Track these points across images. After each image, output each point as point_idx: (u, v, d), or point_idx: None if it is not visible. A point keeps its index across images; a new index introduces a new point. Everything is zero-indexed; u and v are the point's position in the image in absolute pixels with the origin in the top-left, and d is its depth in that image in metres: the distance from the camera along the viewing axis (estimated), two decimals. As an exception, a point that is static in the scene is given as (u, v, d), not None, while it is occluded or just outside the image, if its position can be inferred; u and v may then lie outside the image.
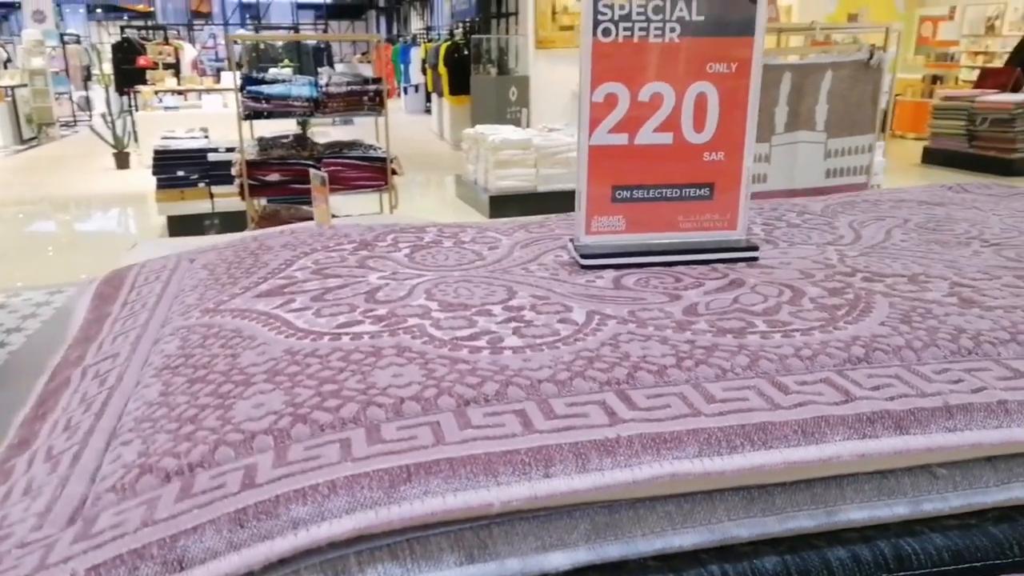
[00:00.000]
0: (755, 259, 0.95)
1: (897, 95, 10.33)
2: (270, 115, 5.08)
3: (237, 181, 5.06)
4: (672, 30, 0.90)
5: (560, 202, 6.82)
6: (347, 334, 0.72)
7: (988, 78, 9.59)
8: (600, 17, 0.89)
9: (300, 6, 21.66)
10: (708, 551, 0.52)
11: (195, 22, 20.16)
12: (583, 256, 0.93)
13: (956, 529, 0.55)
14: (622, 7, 0.89)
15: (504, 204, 6.76)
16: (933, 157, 9.01)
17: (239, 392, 0.62)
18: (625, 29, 0.89)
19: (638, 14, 0.89)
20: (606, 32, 0.89)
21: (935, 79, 11.68)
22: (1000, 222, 1.11)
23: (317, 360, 0.66)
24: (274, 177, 5.01)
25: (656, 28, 0.90)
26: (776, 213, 1.19)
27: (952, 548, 0.54)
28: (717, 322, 0.73)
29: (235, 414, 0.58)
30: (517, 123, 8.06)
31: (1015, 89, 8.86)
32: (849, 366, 0.63)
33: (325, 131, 9.67)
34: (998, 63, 11.87)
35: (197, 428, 0.57)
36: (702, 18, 0.90)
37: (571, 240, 0.99)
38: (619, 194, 0.95)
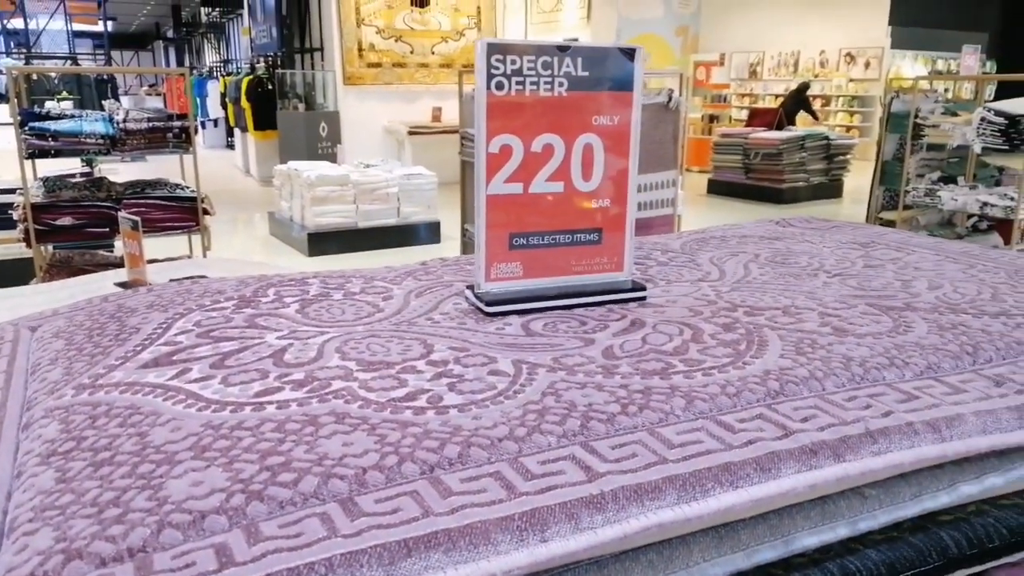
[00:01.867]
0: (644, 299, 1.00)
1: (684, 133, 11.32)
2: (58, 153, 4.61)
3: (21, 226, 4.53)
4: (560, 84, 0.94)
5: (382, 238, 6.77)
6: (271, 403, 0.67)
7: (756, 117, 10.81)
8: (493, 72, 0.90)
9: (76, 34, 19.91)
10: (691, 593, 0.54)
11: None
12: (487, 304, 0.93)
13: (884, 543, 0.61)
14: (513, 62, 0.91)
15: (323, 241, 6.59)
16: (717, 188, 9.97)
17: (165, 471, 0.56)
18: (517, 83, 0.92)
19: (528, 69, 0.92)
20: (499, 86, 0.91)
21: (712, 118, 12.96)
22: (832, 253, 1.26)
23: (248, 432, 0.61)
24: (66, 221, 4.54)
25: (546, 83, 0.93)
26: (643, 252, 1.27)
27: (886, 561, 0.60)
28: (639, 365, 0.76)
29: (170, 494, 0.52)
30: (332, 159, 7.91)
31: (779, 127, 10.05)
32: (770, 399, 0.68)
33: (114, 168, 8.90)
34: (762, 104, 13.42)
35: (126, 511, 0.51)
36: (587, 73, 0.95)
37: (468, 287, 0.99)
38: (516, 241, 0.96)
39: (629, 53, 0.97)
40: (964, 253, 1.26)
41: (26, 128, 4.43)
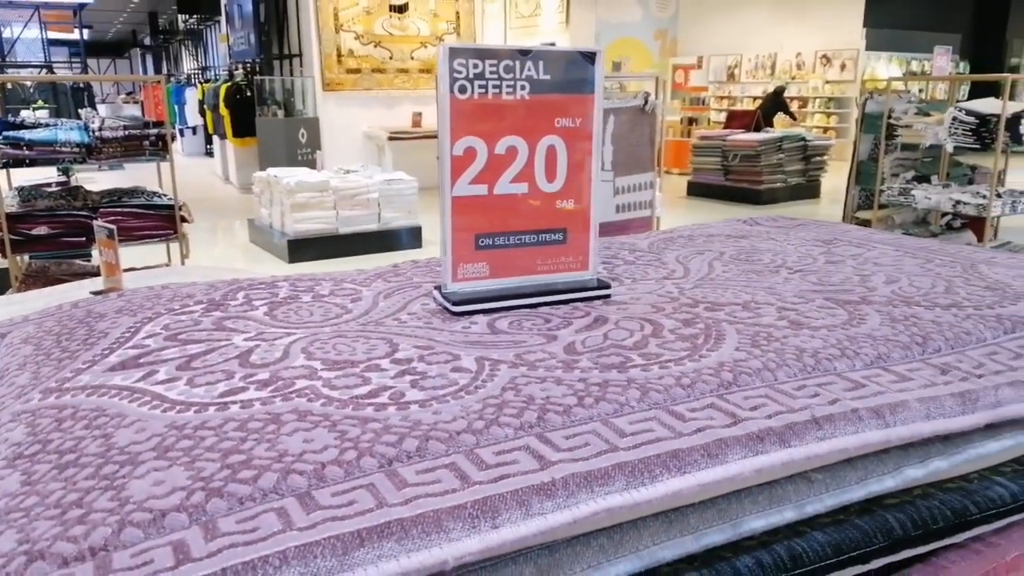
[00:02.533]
0: (608, 296, 1.02)
1: (663, 135, 11.40)
2: (32, 163, 4.58)
3: (-5, 236, 4.49)
4: (523, 88, 0.96)
5: (363, 243, 6.76)
6: (235, 403, 0.68)
7: (735, 119, 10.89)
8: (456, 75, 0.92)
9: (52, 43, 19.72)
10: (640, 576, 0.56)
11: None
12: (454, 303, 0.95)
13: (831, 526, 0.63)
14: (476, 66, 0.93)
15: (304, 248, 6.57)
16: (696, 190, 10.04)
17: (128, 472, 0.57)
18: (480, 87, 0.93)
19: (491, 73, 0.94)
20: (462, 89, 0.93)
21: (691, 120, 13.05)
22: (795, 250, 1.29)
23: (211, 432, 0.62)
24: (42, 230, 4.51)
25: (508, 86, 0.95)
26: (611, 251, 1.29)
27: (832, 543, 0.62)
28: (599, 359, 0.78)
29: (132, 494, 0.53)
30: (312, 165, 7.90)
31: (757, 128, 10.14)
32: (723, 390, 0.70)
33: (91, 177, 8.83)
34: (739, 106, 13.53)
35: (88, 512, 0.52)
36: (549, 77, 0.97)
37: (436, 288, 1.01)
38: (482, 241, 0.98)
39: (590, 56, 0.99)
40: (923, 248, 1.29)
41: (0, 137, 4.40)
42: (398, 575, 0.46)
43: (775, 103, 11.60)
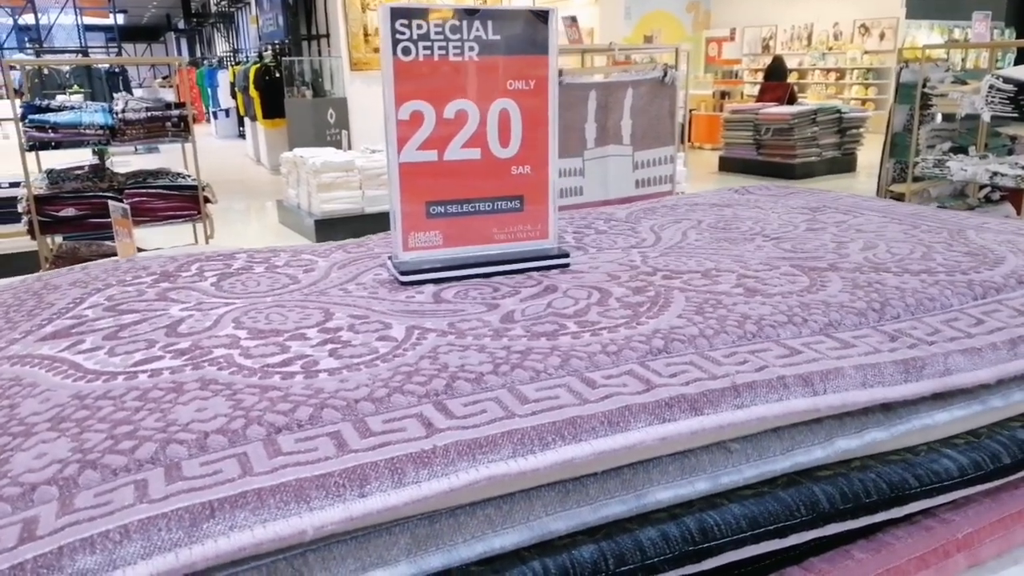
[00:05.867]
0: (567, 265, 0.99)
1: (692, 110, 11.22)
2: (58, 145, 4.66)
3: (25, 218, 4.59)
4: (471, 49, 0.92)
5: (389, 223, 6.76)
6: (144, 372, 0.67)
7: (767, 92, 10.65)
8: (399, 36, 0.89)
9: (88, 28, 20.03)
10: (529, 549, 0.53)
11: (-38, 47, 18.11)
12: (402, 273, 0.93)
13: (752, 498, 0.60)
14: (419, 27, 0.90)
15: (331, 228, 6.60)
16: (728, 165, 9.86)
17: (18, 444, 0.56)
18: (425, 48, 0.90)
19: (436, 33, 0.91)
20: (406, 51, 0.90)
21: (723, 94, 12.79)
22: (778, 218, 1.24)
23: (110, 402, 0.61)
24: (69, 212, 4.59)
25: (455, 47, 0.92)
26: (586, 221, 1.25)
27: (748, 516, 0.58)
28: (532, 327, 0.75)
29: (12, 467, 0.52)
30: (338, 145, 7.92)
31: (791, 101, 9.90)
32: (650, 357, 0.67)
33: (126, 160, 8.99)
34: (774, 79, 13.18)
35: (-34, 488, 0.51)
36: (498, 37, 0.93)
37: (390, 258, 0.98)
38: (433, 210, 0.95)
39: (543, 16, 0.95)
40: (913, 215, 1.23)
41: (26, 121, 4.48)
42: (252, 545, 0.44)
43: (777, 71, 11.25)
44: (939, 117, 6.28)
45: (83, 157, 5.60)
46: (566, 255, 1.00)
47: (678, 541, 0.56)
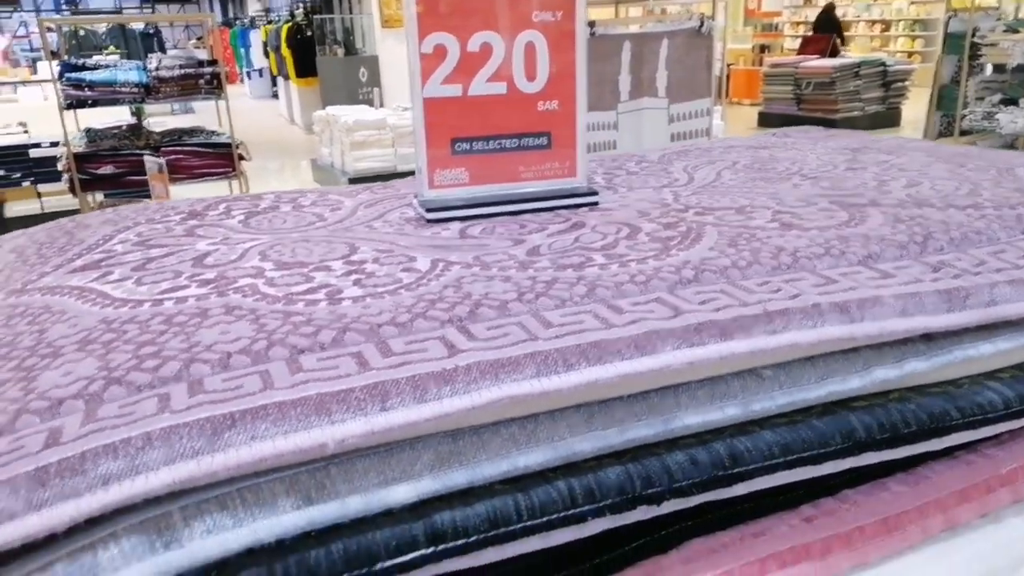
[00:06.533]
0: (596, 204, 0.97)
1: (730, 64, 10.94)
2: (95, 103, 4.71)
3: (66, 177, 4.67)
4: (497, -23, 0.89)
5: (419, 181, 6.76)
6: (170, 299, 0.67)
7: (808, 45, 10.34)
8: (423, -36, 0.87)
9: (124, -11, 20.12)
10: (554, 469, 0.52)
11: (1, 9, 18.32)
12: (428, 210, 0.91)
13: (785, 426, 0.58)
14: (444, -46, 0.87)
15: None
16: (767, 120, 9.63)
17: (46, 364, 0.56)
18: (450, -24, 0.88)
19: (462, -39, 0.88)
20: (431, -21, 0.87)
21: (763, 48, 12.46)
22: (817, 159, 1.20)
23: (136, 326, 0.61)
24: (107, 170, 4.67)
25: (481, -25, 0.89)
26: (616, 163, 1.23)
27: (781, 443, 0.57)
28: (559, 260, 0.74)
29: (39, 384, 0.53)
30: (370, 103, 7.89)
31: (832, 54, 9.60)
32: (680, 286, 0.65)
33: (162, 120, 9.07)
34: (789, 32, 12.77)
35: (-5, 404, 0.52)
36: (525, -35, 0.90)
37: (416, 196, 0.97)
38: (459, 147, 0.94)
39: (572, -58, 0.92)
40: (959, 154, 1.18)
41: (63, 79, 4.53)
42: (273, 456, 0.44)
43: (827, 22, 10.87)
44: (989, 68, 6.05)
45: (121, 117, 5.67)
46: (595, 192, 0.98)
47: (708, 465, 0.55)
